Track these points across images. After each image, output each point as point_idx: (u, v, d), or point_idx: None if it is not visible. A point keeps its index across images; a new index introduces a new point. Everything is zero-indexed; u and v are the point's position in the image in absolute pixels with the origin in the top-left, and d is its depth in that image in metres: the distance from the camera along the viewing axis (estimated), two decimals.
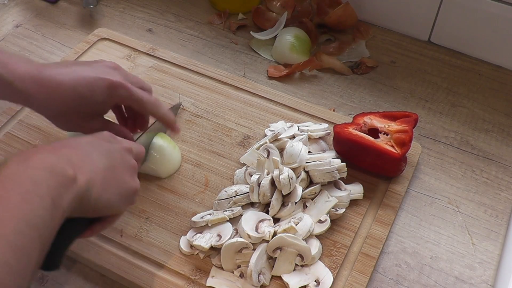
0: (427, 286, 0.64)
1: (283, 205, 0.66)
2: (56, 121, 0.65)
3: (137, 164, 0.59)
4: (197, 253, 0.65)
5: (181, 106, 0.80)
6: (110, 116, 0.69)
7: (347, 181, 0.70)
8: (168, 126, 0.68)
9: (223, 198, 0.68)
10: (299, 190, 0.66)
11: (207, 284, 0.62)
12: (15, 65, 0.59)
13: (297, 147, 0.69)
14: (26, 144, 0.76)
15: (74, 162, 0.48)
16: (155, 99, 0.66)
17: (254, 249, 0.62)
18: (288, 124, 0.76)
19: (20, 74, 0.59)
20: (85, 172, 0.48)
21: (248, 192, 0.67)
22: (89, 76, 0.62)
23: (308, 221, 0.64)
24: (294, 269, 0.63)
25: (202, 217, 0.66)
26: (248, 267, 0.61)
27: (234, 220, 0.65)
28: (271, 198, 0.65)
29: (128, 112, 0.71)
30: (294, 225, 0.63)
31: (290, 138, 0.73)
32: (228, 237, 0.63)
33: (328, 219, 0.66)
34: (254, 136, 0.77)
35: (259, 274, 0.61)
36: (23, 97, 0.60)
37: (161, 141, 0.72)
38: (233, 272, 0.63)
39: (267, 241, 0.62)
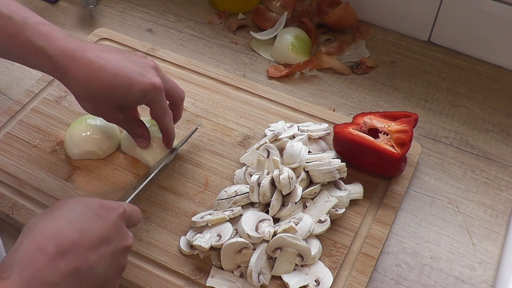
0: (427, 286, 0.64)
1: (283, 205, 0.66)
2: (84, 102, 0.64)
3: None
4: (197, 253, 0.65)
5: (198, 127, 0.78)
6: None
7: (347, 181, 0.70)
8: (165, 141, 0.71)
9: (223, 198, 0.68)
10: (299, 190, 0.66)
11: (207, 284, 0.62)
12: (57, 38, 0.59)
13: (297, 147, 0.69)
14: (26, 144, 0.76)
15: (70, 283, 0.47)
16: (171, 115, 0.68)
17: (254, 249, 0.62)
18: (288, 124, 0.76)
19: (61, 49, 0.59)
20: None
21: (248, 192, 0.67)
22: (132, 70, 0.61)
23: (308, 221, 0.64)
24: (294, 269, 0.63)
25: (202, 217, 0.66)
26: (248, 267, 0.61)
27: (234, 220, 0.65)
28: (271, 198, 0.65)
29: None
30: (294, 225, 0.63)
31: (290, 138, 0.73)
32: (228, 237, 0.63)
33: (328, 219, 0.66)
34: (254, 136, 0.77)
35: (259, 274, 0.61)
36: (60, 72, 0.60)
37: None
38: (233, 272, 0.63)
39: (267, 241, 0.62)
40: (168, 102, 0.67)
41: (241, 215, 0.65)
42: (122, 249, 0.53)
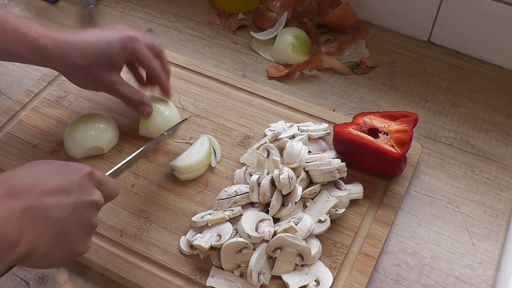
0: (427, 286, 0.64)
1: (283, 205, 0.66)
2: (74, 76, 0.70)
3: (103, 203, 0.56)
4: (197, 253, 0.65)
5: (188, 118, 0.79)
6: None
7: (347, 181, 0.70)
8: (164, 91, 0.76)
9: (223, 198, 0.68)
10: (299, 190, 0.66)
11: (207, 284, 0.62)
12: (37, 27, 0.66)
13: (297, 147, 0.69)
14: (26, 144, 0.76)
15: (23, 222, 0.46)
16: (158, 62, 0.73)
17: (254, 249, 0.62)
18: (288, 124, 0.76)
19: (43, 33, 0.66)
20: (31, 236, 0.46)
21: (248, 192, 0.67)
22: (105, 33, 0.69)
23: (308, 221, 0.64)
24: (294, 269, 0.63)
25: (202, 217, 0.66)
26: (248, 267, 0.61)
27: (234, 220, 0.65)
28: (271, 198, 0.65)
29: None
30: (294, 225, 0.63)
31: (290, 138, 0.73)
32: (228, 237, 0.63)
33: (328, 219, 0.66)
34: (254, 136, 0.77)
35: (259, 274, 0.61)
36: (44, 54, 0.66)
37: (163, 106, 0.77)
38: (233, 272, 0.63)
39: (267, 241, 0.62)
40: None
41: (241, 215, 0.65)
42: (86, 202, 0.52)
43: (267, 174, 0.66)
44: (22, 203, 0.47)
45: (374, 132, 0.70)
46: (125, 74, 0.76)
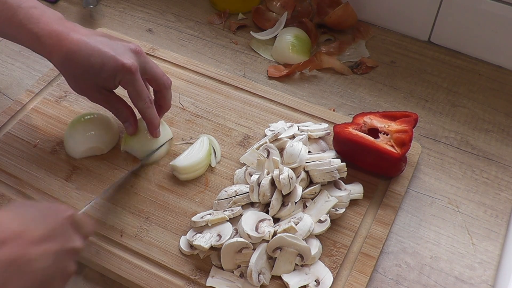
0: (427, 286, 0.64)
1: (283, 205, 0.66)
2: (68, 80, 0.68)
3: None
4: (197, 253, 0.65)
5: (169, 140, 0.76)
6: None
7: (347, 181, 0.70)
8: (149, 130, 0.71)
9: (223, 198, 0.68)
10: (299, 190, 0.66)
11: (207, 284, 0.62)
12: (47, 22, 0.65)
13: (297, 147, 0.69)
14: (26, 144, 0.76)
15: (8, 273, 0.46)
16: (150, 101, 0.68)
17: (254, 249, 0.62)
18: (288, 124, 0.76)
19: (49, 31, 0.64)
20: (15, 287, 0.46)
21: (248, 192, 0.67)
22: (107, 51, 0.64)
23: (308, 221, 0.64)
24: (294, 269, 0.63)
25: (202, 217, 0.66)
26: (248, 267, 0.61)
27: (234, 220, 0.65)
28: (271, 198, 0.65)
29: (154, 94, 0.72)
30: (294, 225, 0.63)
31: (290, 138, 0.73)
32: (228, 237, 0.63)
33: (328, 219, 0.66)
34: (254, 136, 0.77)
35: (259, 274, 0.61)
36: (47, 52, 0.65)
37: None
38: (233, 272, 0.63)
39: (267, 241, 0.62)
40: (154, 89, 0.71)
41: (241, 215, 0.65)
42: (67, 250, 0.52)
43: (267, 174, 0.66)
44: (9, 254, 0.46)
45: (374, 132, 0.70)
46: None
